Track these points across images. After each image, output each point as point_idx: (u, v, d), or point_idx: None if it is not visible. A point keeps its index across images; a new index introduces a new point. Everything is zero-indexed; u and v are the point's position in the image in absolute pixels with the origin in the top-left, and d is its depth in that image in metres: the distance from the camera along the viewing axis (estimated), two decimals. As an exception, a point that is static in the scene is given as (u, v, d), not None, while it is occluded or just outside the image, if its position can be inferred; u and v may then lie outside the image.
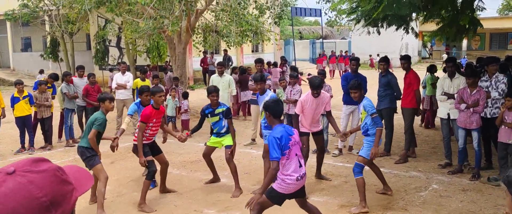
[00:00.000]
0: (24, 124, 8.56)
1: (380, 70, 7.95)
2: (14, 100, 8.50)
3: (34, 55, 24.14)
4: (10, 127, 10.07)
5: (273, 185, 4.01)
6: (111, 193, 6.08)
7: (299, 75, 19.96)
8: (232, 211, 5.35)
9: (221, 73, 9.29)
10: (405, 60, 7.57)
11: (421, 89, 8.44)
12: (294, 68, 8.47)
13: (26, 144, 8.71)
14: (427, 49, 36.77)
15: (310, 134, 6.17)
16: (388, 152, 7.71)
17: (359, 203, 5.21)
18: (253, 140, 8.86)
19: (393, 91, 7.57)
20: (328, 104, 6.11)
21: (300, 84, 8.72)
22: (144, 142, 5.58)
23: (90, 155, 5.22)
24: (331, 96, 7.90)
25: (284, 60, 15.09)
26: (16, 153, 8.54)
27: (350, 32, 32.43)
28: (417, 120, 9.24)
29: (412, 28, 10.06)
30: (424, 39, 35.07)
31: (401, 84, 7.59)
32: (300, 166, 3.99)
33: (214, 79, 9.26)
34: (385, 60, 7.71)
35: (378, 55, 24.87)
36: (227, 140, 6.03)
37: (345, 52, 26.34)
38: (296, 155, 3.97)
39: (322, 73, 8.20)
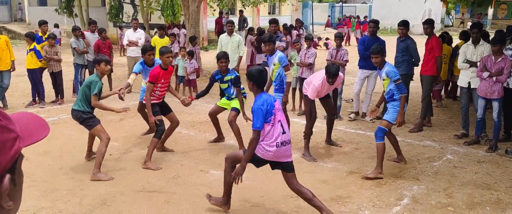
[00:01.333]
0: (33, 77, 8.52)
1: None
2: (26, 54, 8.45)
3: (49, 10, 24.00)
4: (22, 80, 10.07)
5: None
6: (118, 150, 6.04)
7: (317, 40, 19.60)
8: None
9: (230, 33, 8.97)
10: (428, 24, 7.17)
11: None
12: (308, 38, 8.12)
13: (37, 98, 8.70)
14: (451, 17, 35.51)
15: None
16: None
17: (375, 168, 5.07)
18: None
19: (411, 57, 7.25)
20: (339, 84, 5.90)
21: (315, 48, 8.42)
22: (154, 101, 5.49)
23: (86, 117, 5.09)
24: (347, 61, 7.61)
25: (300, 22, 14.66)
26: (27, 106, 8.55)
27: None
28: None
29: (437, -8, 9.54)
30: (448, 6, 33.79)
31: (421, 50, 7.25)
32: (284, 132, 3.83)
33: (223, 39, 8.97)
34: (404, 24, 7.34)
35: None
36: (235, 103, 5.92)
37: (364, 18, 25.32)
38: (279, 121, 3.82)
39: (339, 37, 7.87)
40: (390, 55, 7.81)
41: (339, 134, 6.90)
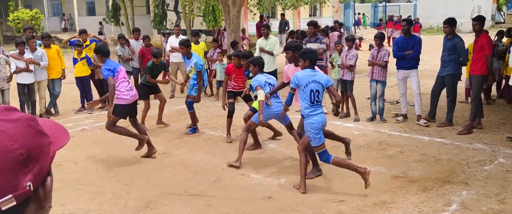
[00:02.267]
0: (82, 84, 8.89)
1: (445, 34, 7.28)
2: (74, 62, 8.83)
3: (97, 19, 25.06)
4: (71, 87, 10.53)
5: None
6: (161, 154, 6.16)
7: (359, 40, 19.21)
8: (279, 177, 5.23)
9: (266, 36, 8.93)
10: (478, 21, 6.82)
11: None
12: (348, 39, 7.94)
13: (86, 104, 9.07)
14: (502, 13, 33.77)
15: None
16: (450, 122, 7.16)
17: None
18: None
19: (458, 56, 6.94)
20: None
21: (357, 49, 8.24)
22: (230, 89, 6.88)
23: None
24: (386, 62, 7.36)
25: (338, 24, 14.43)
26: (76, 112, 8.94)
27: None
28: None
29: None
30: (499, 2, 32.19)
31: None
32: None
33: (259, 43, 8.96)
34: (450, 22, 7.03)
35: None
36: (255, 104, 6.02)
37: (398, 17, 22.99)
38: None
39: (379, 37, 7.64)
40: (436, 54, 7.52)
41: (383, 136, 6.71)
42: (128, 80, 5.92)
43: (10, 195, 0.77)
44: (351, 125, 7.47)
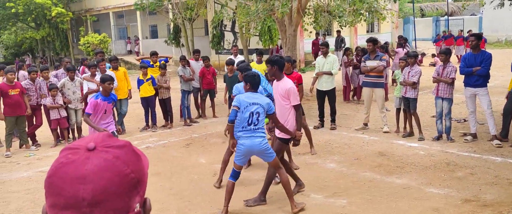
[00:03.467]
0: (148, 104, 9.30)
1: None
2: (139, 83, 9.28)
3: (159, 41, 26.24)
4: (137, 106, 11.04)
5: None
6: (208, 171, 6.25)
7: (421, 56, 18.45)
8: (340, 198, 5.11)
9: (325, 54, 8.84)
10: None
11: None
12: (410, 55, 7.69)
13: (150, 123, 9.47)
14: None
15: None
16: (504, 137, 6.68)
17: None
18: (365, 124, 8.40)
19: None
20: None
21: (419, 65, 7.95)
22: None
23: None
24: (453, 79, 7.01)
25: (404, 39, 13.97)
26: (141, 130, 9.34)
27: (481, 7, 28.98)
28: None
29: None
30: None
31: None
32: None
33: (319, 61, 8.89)
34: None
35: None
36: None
37: (459, 32, 21.53)
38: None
39: (446, 53, 7.32)
40: (507, 70, 7.07)
41: (451, 157, 6.37)
42: None
43: None
44: (415, 144, 7.17)
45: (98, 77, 8.56)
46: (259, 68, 10.01)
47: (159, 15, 23.39)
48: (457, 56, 19.20)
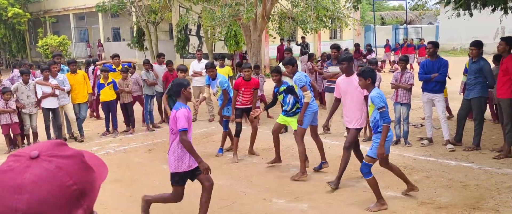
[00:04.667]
0: (109, 109, 9.07)
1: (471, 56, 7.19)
2: (100, 87, 9.04)
3: (122, 45, 25.71)
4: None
5: None
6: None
7: (381, 63, 19.01)
8: (301, 202, 5.17)
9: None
10: (507, 42, 6.65)
11: None
12: (371, 62, 7.96)
13: (110, 128, 9.23)
14: (528, 34, 33.08)
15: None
16: (477, 146, 6.98)
17: (377, 201, 4.84)
18: (327, 128, 8.57)
19: (485, 79, 6.81)
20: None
21: (379, 71, 8.19)
22: (238, 106, 7.01)
23: None
24: (412, 85, 7.29)
25: (369, 46, 14.30)
26: (101, 136, 9.10)
27: (437, 16, 30.17)
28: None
29: (513, 8, 8.94)
30: (524, 22, 31.59)
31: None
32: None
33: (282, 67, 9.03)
34: (477, 45, 6.94)
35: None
36: (294, 124, 6.10)
37: (410, 41, 21.63)
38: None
39: (403, 60, 7.60)
40: (458, 78, 7.40)
41: (408, 161, 6.58)
42: None
43: None
44: (375, 148, 7.35)
45: (51, 81, 8.26)
46: (222, 72, 10.03)
47: (122, 17, 22.96)
48: (410, 64, 19.67)
